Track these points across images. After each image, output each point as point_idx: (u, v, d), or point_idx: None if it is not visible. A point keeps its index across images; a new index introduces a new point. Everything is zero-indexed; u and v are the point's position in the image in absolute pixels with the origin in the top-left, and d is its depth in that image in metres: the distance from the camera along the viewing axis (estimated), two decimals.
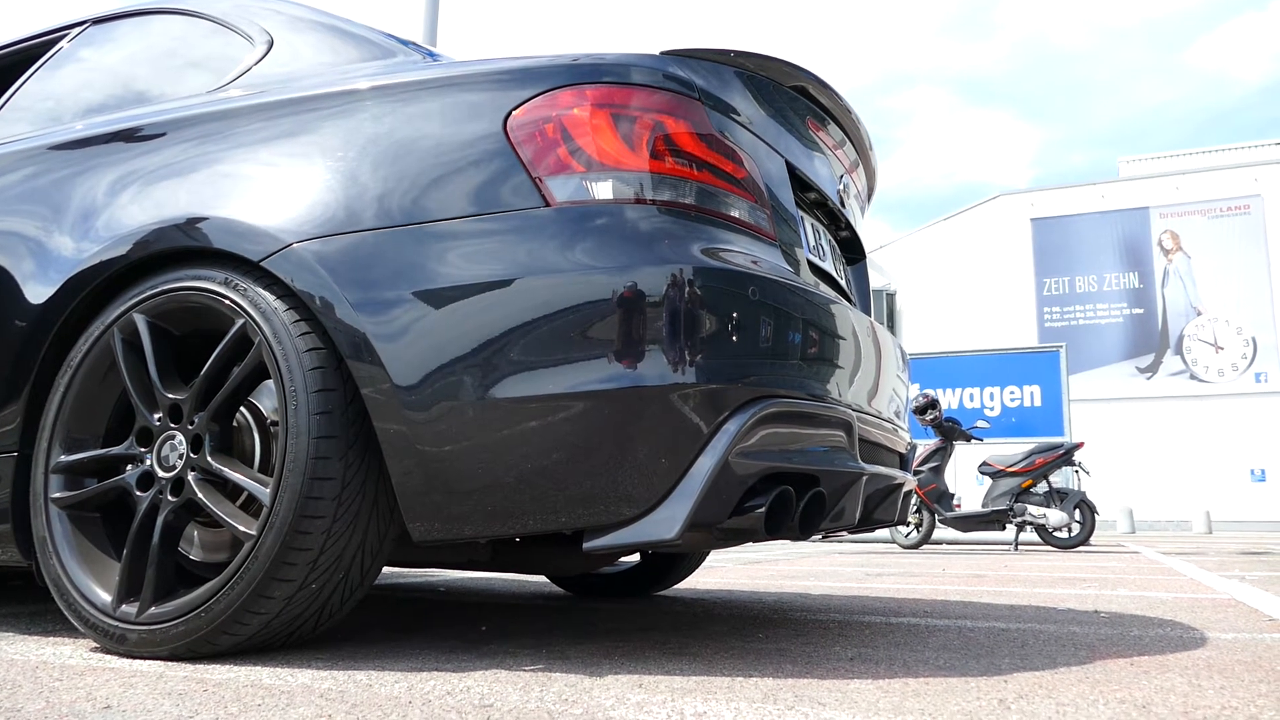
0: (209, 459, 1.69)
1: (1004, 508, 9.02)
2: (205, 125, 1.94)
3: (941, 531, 12.35)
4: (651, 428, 1.53)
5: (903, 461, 2.34)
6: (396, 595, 3.17)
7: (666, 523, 1.54)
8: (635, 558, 3.29)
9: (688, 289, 1.55)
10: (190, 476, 1.70)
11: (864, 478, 1.90)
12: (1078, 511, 8.87)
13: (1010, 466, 9.18)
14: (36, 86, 2.49)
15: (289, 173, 1.78)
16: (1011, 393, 11.78)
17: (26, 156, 2.16)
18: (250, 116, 1.90)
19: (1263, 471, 26.43)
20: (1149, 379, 27.94)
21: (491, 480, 1.57)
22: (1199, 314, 27.77)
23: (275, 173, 1.79)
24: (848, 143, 2.36)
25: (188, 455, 1.72)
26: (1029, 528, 9.01)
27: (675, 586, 3.57)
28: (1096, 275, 28.88)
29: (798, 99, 2.12)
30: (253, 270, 1.73)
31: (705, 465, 1.55)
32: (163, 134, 1.99)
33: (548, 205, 1.62)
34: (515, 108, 1.69)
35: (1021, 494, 9.06)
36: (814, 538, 2.02)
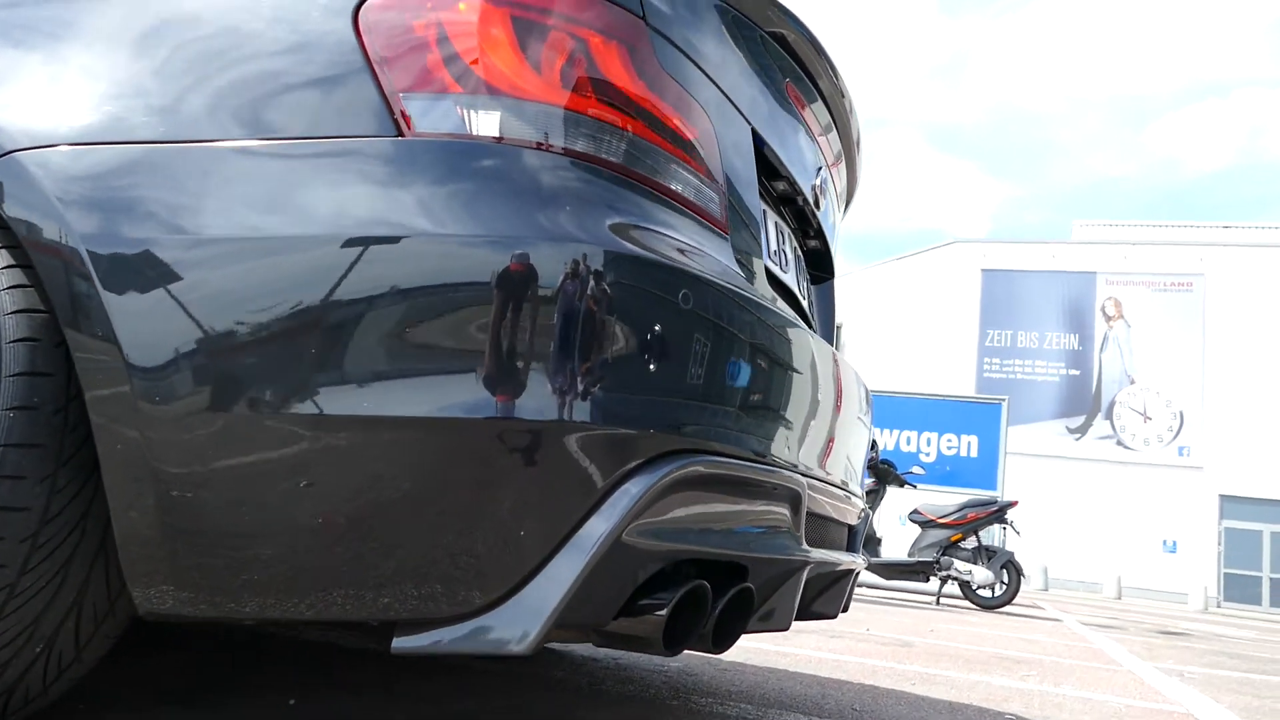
0: None
1: (930, 559, 8.69)
2: None
3: (863, 574, 12.03)
4: (513, 480, 1.03)
5: (851, 536, 1.86)
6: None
7: (518, 622, 1.04)
8: None
9: (593, 282, 1.04)
10: None
11: (807, 568, 1.41)
12: (1004, 572, 8.57)
13: (941, 518, 8.86)
14: None
15: (35, 51, 1.23)
16: (949, 441, 11.50)
17: None
18: None
19: (1174, 543, 26.77)
20: (1077, 440, 28.17)
21: (270, 532, 1.05)
22: (1132, 382, 28.08)
23: (20, 49, 1.24)
24: (834, 130, 1.87)
25: None
26: (953, 582, 8.69)
27: None
28: (1039, 332, 29.06)
29: (782, 58, 1.63)
30: None
31: (587, 542, 1.05)
32: None
33: (401, 134, 1.10)
34: None
35: (950, 547, 8.74)
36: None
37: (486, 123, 1.11)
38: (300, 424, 1.03)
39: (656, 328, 1.08)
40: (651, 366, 1.07)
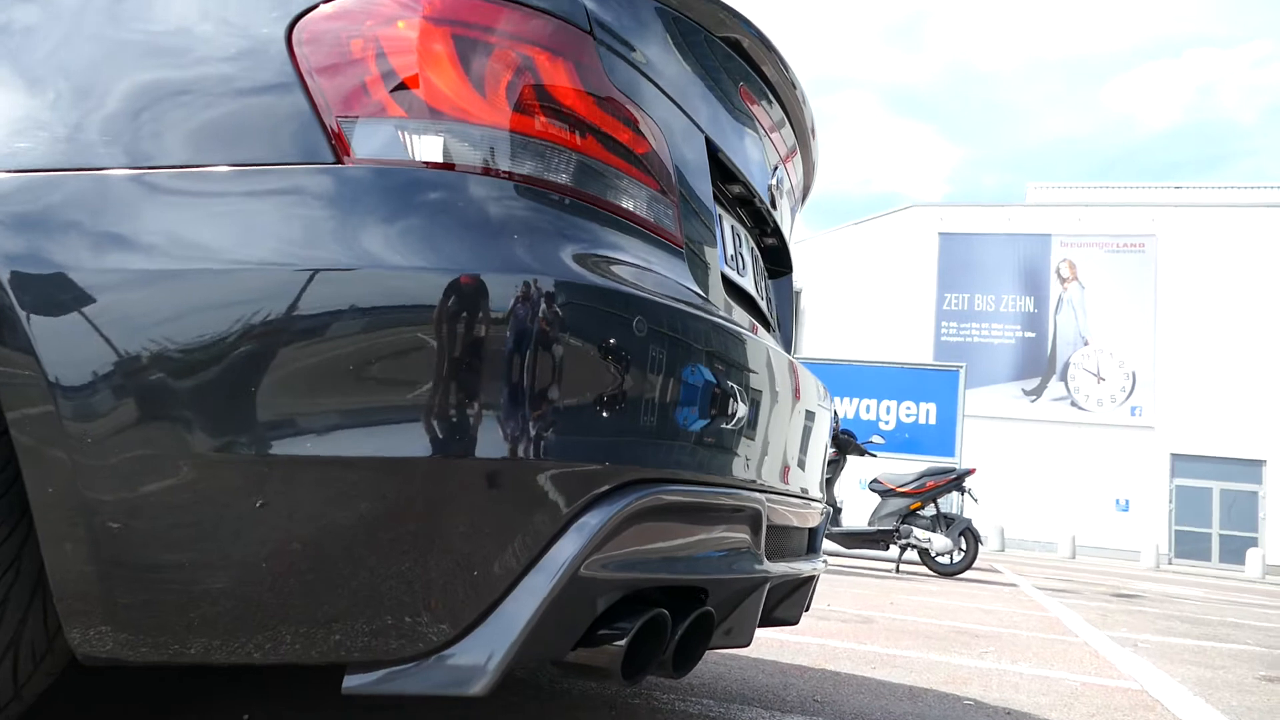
0: None
1: (890, 528, 8.81)
2: None
3: (825, 543, 12.17)
4: (464, 520, 1.01)
5: (813, 538, 1.86)
6: None
7: (472, 662, 1.02)
8: None
9: (545, 312, 1.01)
10: None
11: (768, 583, 1.41)
12: (962, 539, 8.71)
13: (901, 487, 8.98)
14: None
15: None
16: (908, 408, 11.62)
17: None
18: None
19: (1127, 502, 27.39)
20: (1033, 402, 28.63)
21: (215, 566, 1.02)
22: (1086, 344, 28.55)
23: None
24: (787, 124, 1.85)
25: None
26: (912, 550, 8.83)
27: None
28: (995, 295, 29.39)
29: (731, 58, 1.60)
30: None
31: (543, 580, 1.03)
32: None
33: (340, 162, 1.06)
34: (308, 10, 1.11)
35: (909, 516, 8.87)
36: None
37: (429, 147, 1.07)
38: (243, 459, 0.99)
39: (610, 357, 1.05)
40: (606, 397, 1.05)
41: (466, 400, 0.98)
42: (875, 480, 9.29)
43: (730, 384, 1.26)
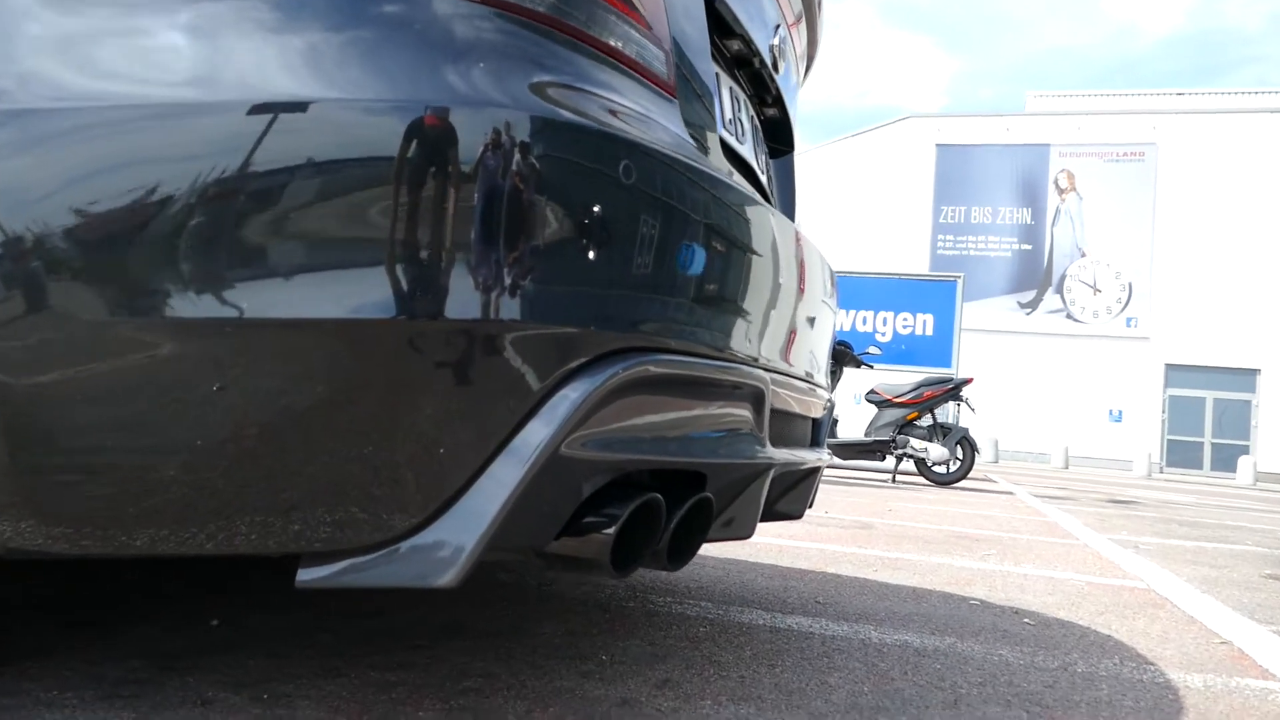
0: None
1: (887, 438, 8.77)
2: None
3: None
4: (431, 390, 0.88)
5: (816, 430, 1.74)
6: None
7: (439, 551, 0.91)
8: None
9: (519, 155, 0.87)
10: None
11: (771, 471, 1.29)
12: (959, 448, 8.68)
13: (898, 397, 8.91)
14: None
15: None
16: (905, 320, 11.50)
17: None
18: None
19: (1120, 413, 27.50)
20: (1028, 314, 28.52)
21: (157, 452, 0.90)
22: (1083, 255, 28.31)
23: None
24: None
25: None
26: (909, 459, 8.81)
27: None
28: (992, 208, 29.03)
29: None
30: None
31: (519, 458, 0.90)
32: None
33: None
34: None
35: (905, 426, 8.82)
36: None
37: None
38: (184, 326, 0.87)
39: (595, 207, 0.92)
40: (590, 253, 0.91)
41: (431, 254, 0.85)
42: (872, 391, 9.22)
43: (730, 248, 1.12)
